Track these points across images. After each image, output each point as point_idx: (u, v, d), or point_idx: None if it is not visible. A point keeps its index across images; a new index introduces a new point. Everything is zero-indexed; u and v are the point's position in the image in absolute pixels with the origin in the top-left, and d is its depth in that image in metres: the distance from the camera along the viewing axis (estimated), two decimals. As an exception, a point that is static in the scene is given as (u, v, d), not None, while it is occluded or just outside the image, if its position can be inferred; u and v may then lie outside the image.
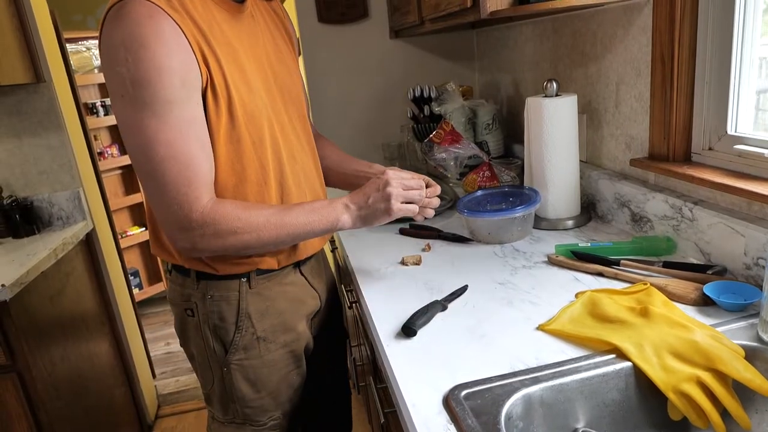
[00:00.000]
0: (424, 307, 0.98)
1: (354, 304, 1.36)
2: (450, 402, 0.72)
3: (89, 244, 2.00)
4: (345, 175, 1.22)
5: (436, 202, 1.10)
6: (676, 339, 0.78)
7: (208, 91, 0.89)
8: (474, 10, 1.23)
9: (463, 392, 0.74)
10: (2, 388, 1.44)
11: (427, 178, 1.11)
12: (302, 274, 1.13)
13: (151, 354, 2.68)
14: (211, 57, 0.89)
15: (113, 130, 3.38)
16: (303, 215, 0.96)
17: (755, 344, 0.78)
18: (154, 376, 2.64)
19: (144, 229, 3.46)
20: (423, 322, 0.93)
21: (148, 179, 0.88)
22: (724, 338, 0.77)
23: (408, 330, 0.91)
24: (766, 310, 0.77)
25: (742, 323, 0.83)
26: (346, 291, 1.43)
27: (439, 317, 0.97)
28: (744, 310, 0.86)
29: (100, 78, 3.29)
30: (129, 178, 3.42)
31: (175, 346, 3.04)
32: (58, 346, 1.65)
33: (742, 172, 1.02)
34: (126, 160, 3.31)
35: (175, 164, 0.86)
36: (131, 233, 3.42)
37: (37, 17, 1.83)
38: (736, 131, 1.06)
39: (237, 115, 0.93)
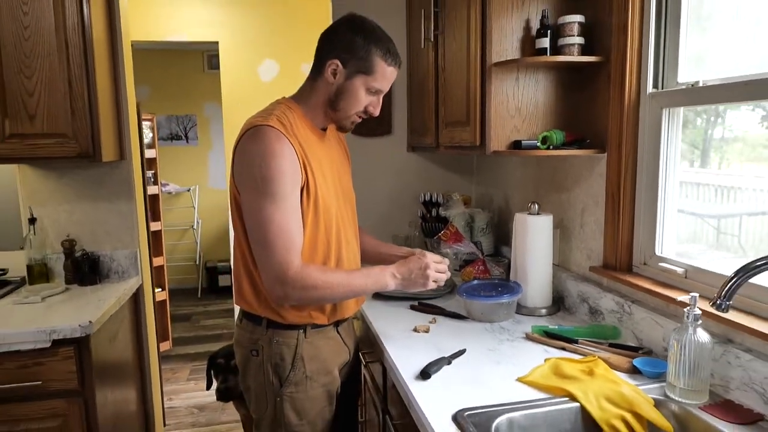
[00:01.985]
0: (434, 360, 1.34)
1: (369, 364, 1.70)
2: (458, 418, 1.08)
3: (137, 297, 2.33)
4: (380, 255, 1.62)
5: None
6: (610, 390, 1.15)
7: (304, 189, 1.32)
8: (481, 148, 1.70)
9: (466, 413, 1.09)
10: (70, 411, 1.71)
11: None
12: (338, 332, 1.49)
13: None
14: (308, 166, 1.32)
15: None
16: (362, 278, 1.35)
17: (662, 397, 1.16)
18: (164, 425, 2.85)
19: (159, 290, 3.77)
20: (435, 370, 1.29)
21: (260, 246, 1.28)
22: (641, 392, 1.15)
23: (425, 374, 1.27)
24: (669, 375, 1.15)
25: (656, 384, 1.21)
26: (362, 354, 1.77)
27: (446, 368, 1.33)
28: (659, 377, 1.24)
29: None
30: (154, 242, 3.77)
31: (177, 401, 3.24)
32: (107, 387, 1.89)
33: (665, 282, 1.44)
34: (154, 227, 3.68)
35: (282, 236, 1.26)
36: (147, 293, 3.71)
37: (129, 103, 2.28)
38: (662, 253, 1.49)
39: (319, 208, 1.35)
